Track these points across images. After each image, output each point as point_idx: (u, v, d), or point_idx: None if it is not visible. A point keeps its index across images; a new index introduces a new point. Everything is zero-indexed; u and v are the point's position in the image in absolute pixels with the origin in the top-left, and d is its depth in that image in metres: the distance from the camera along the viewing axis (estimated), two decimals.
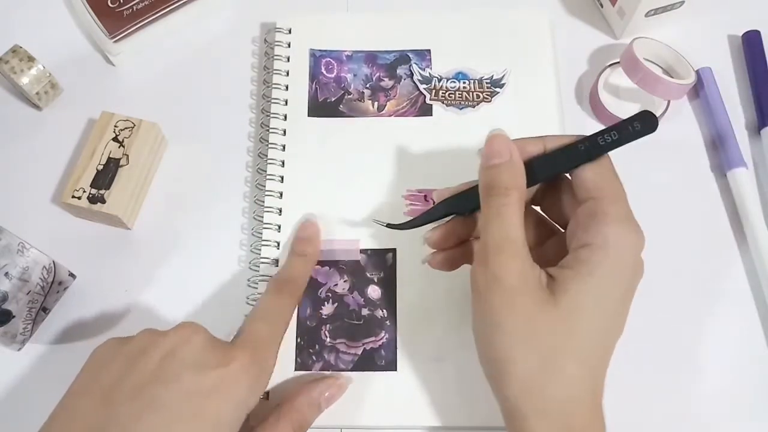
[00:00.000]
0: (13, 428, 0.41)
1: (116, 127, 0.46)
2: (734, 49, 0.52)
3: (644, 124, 0.35)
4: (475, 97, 0.49)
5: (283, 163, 0.47)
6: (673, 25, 0.52)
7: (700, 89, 0.50)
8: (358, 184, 0.46)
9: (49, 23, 0.53)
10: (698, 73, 0.50)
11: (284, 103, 0.48)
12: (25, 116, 0.50)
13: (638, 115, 0.35)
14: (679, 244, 0.45)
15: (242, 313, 0.42)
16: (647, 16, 0.50)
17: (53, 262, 0.42)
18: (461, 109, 0.48)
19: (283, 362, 0.41)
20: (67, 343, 0.43)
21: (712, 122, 0.49)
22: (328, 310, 0.43)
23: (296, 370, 0.41)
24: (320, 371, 0.41)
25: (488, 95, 0.49)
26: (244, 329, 0.37)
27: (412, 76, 0.49)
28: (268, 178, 0.46)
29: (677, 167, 0.48)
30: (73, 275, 0.44)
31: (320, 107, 0.49)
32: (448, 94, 0.49)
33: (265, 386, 0.36)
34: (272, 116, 0.48)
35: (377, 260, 0.44)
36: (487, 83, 0.49)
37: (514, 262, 0.32)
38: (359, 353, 0.41)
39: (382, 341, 0.42)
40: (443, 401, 0.40)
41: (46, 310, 0.42)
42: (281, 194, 0.46)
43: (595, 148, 0.35)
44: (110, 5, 0.51)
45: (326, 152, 0.47)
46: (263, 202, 0.45)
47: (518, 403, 0.31)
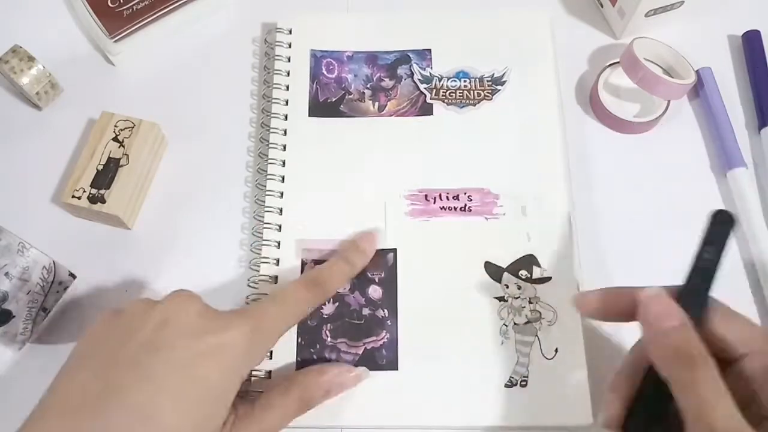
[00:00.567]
0: (13, 428, 0.41)
1: (116, 127, 0.46)
2: (734, 49, 0.52)
3: (723, 223, 0.34)
4: (476, 95, 0.49)
5: (283, 162, 0.47)
6: (673, 25, 0.52)
7: (700, 89, 0.50)
8: (358, 183, 0.46)
9: (49, 23, 0.53)
10: (698, 73, 0.50)
11: (285, 103, 0.48)
12: (25, 116, 0.50)
13: (714, 218, 0.34)
14: (679, 244, 0.45)
15: None
16: (647, 16, 0.50)
17: (53, 262, 0.42)
18: (462, 108, 0.48)
19: (283, 362, 0.41)
20: (67, 343, 0.43)
21: (712, 122, 0.49)
22: (329, 309, 0.42)
23: (297, 369, 0.41)
24: None
25: (489, 93, 0.49)
26: (253, 304, 0.38)
27: (412, 75, 0.49)
28: (268, 177, 0.46)
29: (677, 167, 0.48)
30: (73, 275, 0.44)
31: (321, 107, 0.48)
32: (448, 93, 0.49)
33: (259, 361, 0.37)
34: (273, 116, 0.48)
35: (378, 260, 0.44)
36: (488, 81, 0.49)
37: None
38: (360, 353, 0.41)
39: (383, 341, 0.42)
40: (444, 401, 0.40)
41: (46, 310, 0.42)
42: (282, 194, 0.46)
43: (706, 273, 0.34)
44: (110, 5, 0.51)
45: (327, 152, 0.47)
46: (263, 201, 0.45)
47: None
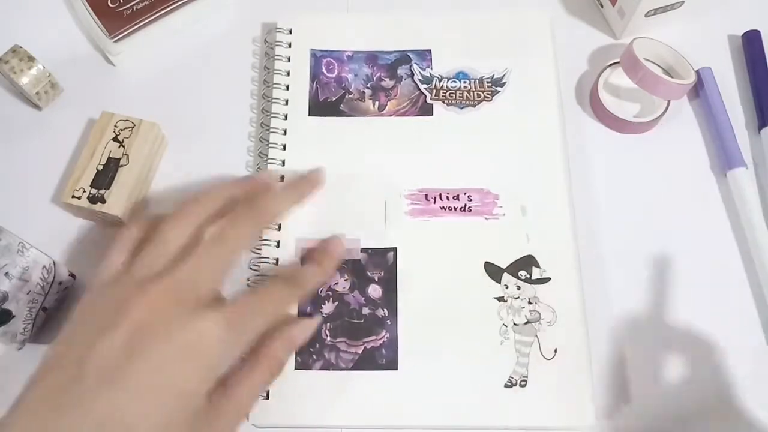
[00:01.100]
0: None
1: (116, 127, 0.46)
2: (734, 49, 0.52)
3: None
4: (475, 96, 0.49)
5: (283, 162, 0.47)
6: (673, 25, 0.52)
7: (700, 89, 0.50)
8: (358, 183, 0.46)
9: (49, 23, 0.53)
10: (698, 73, 0.50)
11: (285, 102, 0.49)
12: (25, 116, 0.50)
13: None
14: (679, 244, 0.46)
15: None
16: (647, 16, 0.50)
17: (53, 262, 0.42)
18: (462, 108, 0.48)
19: None
20: None
21: (712, 122, 0.49)
22: (328, 308, 0.43)
23: (296, 369, 0.41)
24: (321, 371, 0.41)
25: (489, 94, 0.49)
26: (231, 296, 0.37)
27: (412, 76, 0.49)
28: None
29: (677, 167, 0.48)
30: (73, 275, 0.44)
31: (321, 107, 0.49)
32: (448, 93, 0.49)
33: (237, 355, 0.35)
34: (273, 116, 0.48)
35: (378, 259, 0.44)
36: (488, 82, 0.49)
37: None
38: (360, 352, 0.41)
39: (382, 340, 0.42)
40: (444, 401, 0.40)
41: (46, 310, 0.42)
42: None
43: None
44: (110, 5, 0.51)
45: (327, 152, 0.47)
46: None
47: None
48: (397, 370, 0.41)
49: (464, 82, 0.49)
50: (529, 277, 0.43)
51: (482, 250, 0.44)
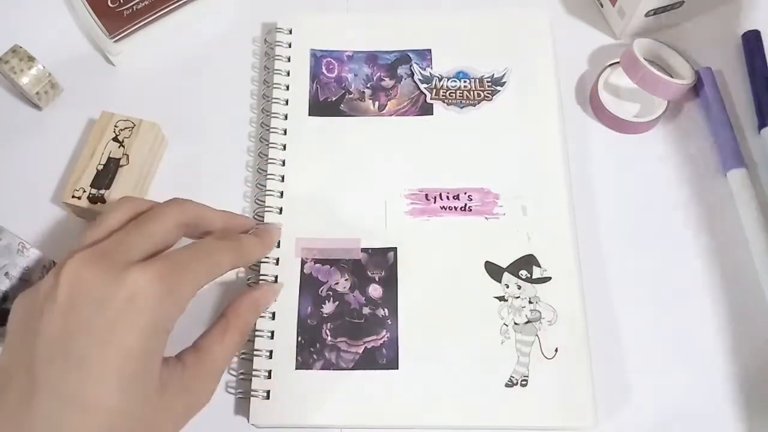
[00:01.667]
0: None
1: (116, 127, 0.46)
2: (734, 49, 0.52)
3: None
4: (476, 95, 0.49)
5: (283, 162, 0.47)
6: (673, 25, 0.52)
7: (700, 89, 0.50)
8: (358, 183, 0.46)
9: (49, 23, 0.53)
10: (698, 73, 0.50)
11: (285, 102, 0.49)
12: (25, 116, 0.50)
13: None
14: (679, 244, 0.46)
15: None
16: (647, 16, 0.50)
17: (53, 262, 0.41)
18: (462, 108, 0.48)
19: (283, 361, 0.41)
20: None
21: (712, 122, 0.49)
22: (329, 308, 0.42)
23: (297, 369, 0.41)
24: (321, 371, 0.41)
25: (489, 94, 0.49)
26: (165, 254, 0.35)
27: (412, 75, 0.49)
28: (268, 177, 0.46)
29: (677, 167, 0.48)
30: None
31: (321, 107, 0.49)
32: (449, 93, 0.49)
33: (178, 309, 0.34)
34: (273, 116, 0.48)
35: (378, 259, 0.44)
36: (488, 82, 0.49)
37: None
38: (360, 352, 0.41)
39: (383, 340, 0.42)
40: (444, 401, 0.40)
41: None
42: (282, 194, 0.46)
43: None
44: (110, 5, 0.51)
45: (327, 151, 0.47)
46: (263, 201, 0.45)
47: None
48: (397, 369, 0.41)
49: (464, 81, 0.49)
50: (529, 276, 0.43)
51: (483, 249, 0.44)
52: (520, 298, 0.42)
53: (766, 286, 0.43)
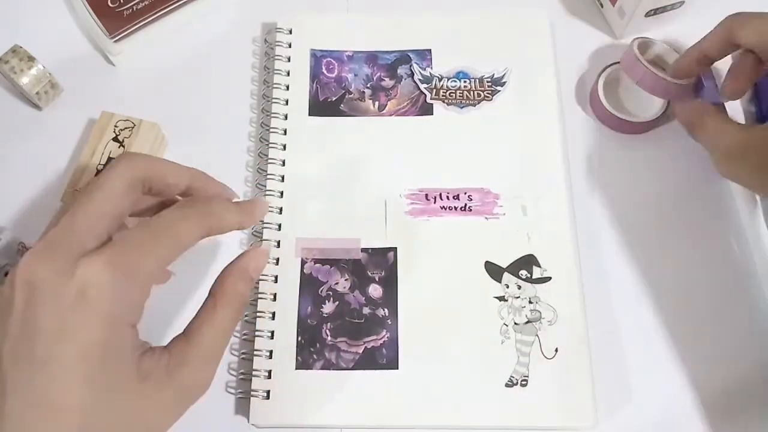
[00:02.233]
0: None
1: (116, 127, 0.46)
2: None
3: None
4: (476, 95, 0.49)
5: (283, 162, 0.47)
6: (673, 25, 0.52)
7: (700, 89, 0.50)
8: (358, 183, 0.46)
9: (49, 23, 0.53)
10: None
11: (285, 102, 0.49)
12: (25, 116, 0.50)
13: None
14: (678, 244, 0.46)
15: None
16: (647, 16, 0.50)
17: None
18: (462, 108, 0.48)
19: (283, 361, 0.41)
20: None
21: None
22: (329, 308, 0.43)
23: (297, 369, 0.41)
24: (321, 371, 0.41)
25: (489, 94, 0.49)
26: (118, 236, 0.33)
27: (412, 75, 0.50)
28: (268, 177, 0.46)
29: (677, 167, 0.48)
30: None
31: (321, 107, 0.49)
32: (449, 93, 0.49)
33: (139, 295, 0.31)
34: (273, 116, 0.48)
35: (378, 259, 0.44)
36: (488, 82, 0.49)
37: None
38: (360, 352, 0.41)
39: (383, 340, 0.42)
40: (444, 401, 0.40)
41: None
42: (281, 193, 0.46)
43: None
44: (110, 5, 0.51)
45: (327, 151, 0.47)
46: None
47: None
48: (397, 369, 0.41)
49: (464, 81, 0.49)
50: (529, 276, 0.43)
51: (483, 249, 0.44)
52: (520, 298, 0.42)
53: (765, 285, 0.43)
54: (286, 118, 0.48)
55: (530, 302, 0.42)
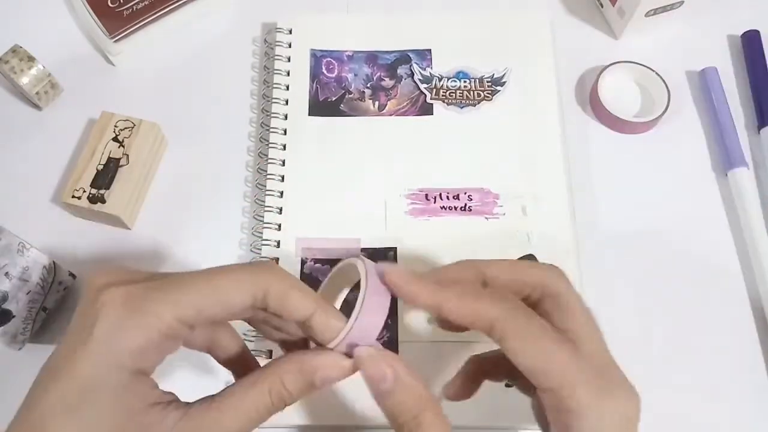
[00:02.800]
0: None
1: (116, 127, 0.46)
2: (734, 49, 0.52)
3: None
4: (476, 95, 0.49)
5: (283, 162, 0.47)
6: (673, 25, 0.52)
7: (702, 89, 0.50)
8: (358, 183, 0.46)
9: (49, 23, 0.53)
10: (702, 72, 0.50)
11: (285, 102, 0.49)
12: (25, 116, 0.50)
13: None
14: (678, 243, 0.46)
15: None
16: (647, 16, 0.50)
17: (53, 262, 0.42)
18: (462, 108, 0.48)
19: None
20: None
21: (714, 122, 0.49)
22: None
23: None
24: None
25: (489, 94, 0.49)
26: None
27: (412, 75, 0.49)
28: (268, 177, 0.46)
29: (677, 167, 0.48)
30: (73, 275, 0.44)
31: (321, 107, 0.49)
32: (448, 93, 0.49)
33: (143, 339, 0.27)
34: (273, 116, 0.48)
35: (378, 259, 0.44)
36: (488, 82, 0.49)
37: None
38: None
39: (382, 340, 0.42)
40: (445, 400, 0.40)
41: (46, 310, 0.42)
42: (281, 193, 0.46)
43: None
44: (110, 5, 0.51)
45: (327, 151, 0.47)
46: (263, 201, 0.45)
47: None
48: None
49: (464, 81, 0.49)
50: None
51: (483, 249, 0.44)
52: None
53: (763, 284, 0.43)
54: (286, 118, 0.48)
55: None
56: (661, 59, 0.50)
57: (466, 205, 0.45)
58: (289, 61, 0.50)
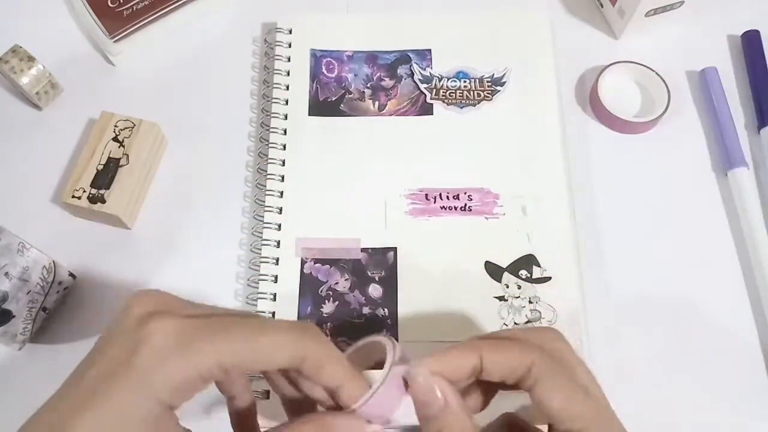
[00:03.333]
0: (13, 428, 0.41)
1: (116, 127, 0.46)
2: (734, 49, 0.52)
3: None
4: (476, 95, 0.49)
5: (283, 162, 0.47)
6: (673, 25, 0.52)
7: (703, 89, 0.50)
8: (358, 183, 0.46)
9: (49, 23, 0.53)
10: (702, 72, 0.50)
11: (285, 102, 0.49)
12: (25, 116, 0.50)
13: None
14: (678, 243, 0.46)
15: None
16: (647, 16, 0.50)
17: (53, 262, 0.42)
18: (462, 108, 0.48)
19: None
20: (67, 343, 0.43)
21: (714, 122, 0.49)
22: (329, 308, 0.42)
23: None
24: None
25: (489, 94, 0.49)
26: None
27: (412, 75, 0.49)
28: (268, 177, 0.46)
29: (677, 167, 0.48)
30: (73, 275, 0.44)
31: (321, 107, 0.49)
32: (448, 93, 0.49)
33: (190, 378, 0.26)
34: (273, 116, 0.48)
35: (378, 259, 0.44)
36: (488, 82, 0.49)
37: None
38: None
39: None
40: None
41: (46, 310, 0.42)
42: (281, 193, 0.46)
43: None
44: (110, 5, 0.51)
45: (327, 151, 0.47)
46: (263, 201, 0.45)
47: None
48: None
49: (464, 81, 0.49)
50: (529, 276, 0.43)
51: (483, 249, 0.44)
52: (520, 297, 0.42)
53: (763, 284, 0.43)
54: (286, 118, 0.48)
55: (530, 302, 0.42)
56: (661, 59, 0.50)
57: (466, 205, 0.45)
58: (289, 61, 0.50)
